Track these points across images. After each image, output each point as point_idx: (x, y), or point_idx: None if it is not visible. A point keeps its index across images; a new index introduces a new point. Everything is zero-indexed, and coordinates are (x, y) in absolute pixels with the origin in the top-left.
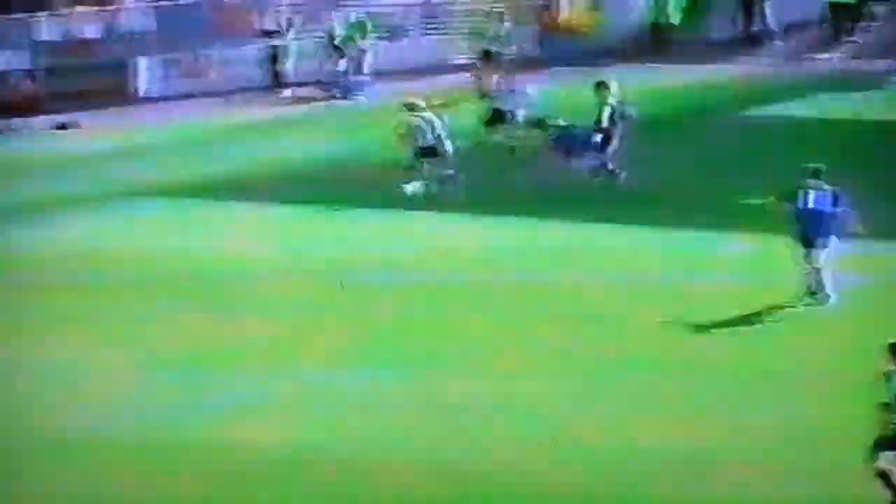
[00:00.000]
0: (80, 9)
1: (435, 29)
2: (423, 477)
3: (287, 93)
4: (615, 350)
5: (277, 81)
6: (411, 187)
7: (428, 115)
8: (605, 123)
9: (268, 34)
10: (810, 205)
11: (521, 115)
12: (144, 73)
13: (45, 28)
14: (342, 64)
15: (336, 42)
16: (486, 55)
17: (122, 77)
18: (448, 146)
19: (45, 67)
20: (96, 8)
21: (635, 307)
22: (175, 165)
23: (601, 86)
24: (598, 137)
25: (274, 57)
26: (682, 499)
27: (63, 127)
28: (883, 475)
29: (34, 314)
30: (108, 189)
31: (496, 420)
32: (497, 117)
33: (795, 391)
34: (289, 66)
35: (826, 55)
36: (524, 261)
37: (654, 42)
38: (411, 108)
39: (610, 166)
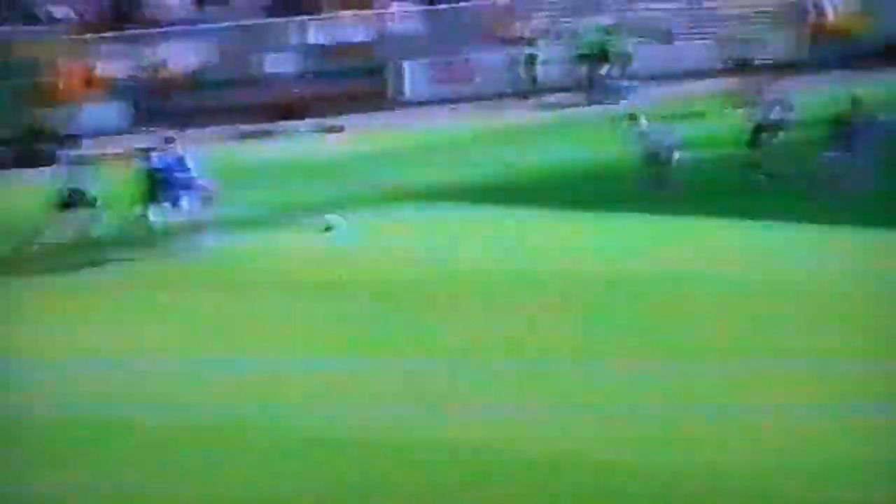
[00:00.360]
0: (346, 13)
1: (702, 33)
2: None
3: (549, 98)
4: (825, 350)
5: (537, 86)
6: (331, 217)
7: (653, 125)
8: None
9: (529, 40)
10: None
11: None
12: (409, 77)
13: (313, 31)
14: (605, 68)
15: (598, 47)
16: (741, 60)
17: (386, 81)
18: (674, 155)
19: (312, 71)
20: (363, 12)
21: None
22: (432, 170)
23: None
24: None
25: (535, 62)
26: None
27: (327, 130)
28: None
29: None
30: (366, 192)
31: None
32: (759, 132)
33: None
34: (549, 70)
35: None
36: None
37: None
38: (633, 118)
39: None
